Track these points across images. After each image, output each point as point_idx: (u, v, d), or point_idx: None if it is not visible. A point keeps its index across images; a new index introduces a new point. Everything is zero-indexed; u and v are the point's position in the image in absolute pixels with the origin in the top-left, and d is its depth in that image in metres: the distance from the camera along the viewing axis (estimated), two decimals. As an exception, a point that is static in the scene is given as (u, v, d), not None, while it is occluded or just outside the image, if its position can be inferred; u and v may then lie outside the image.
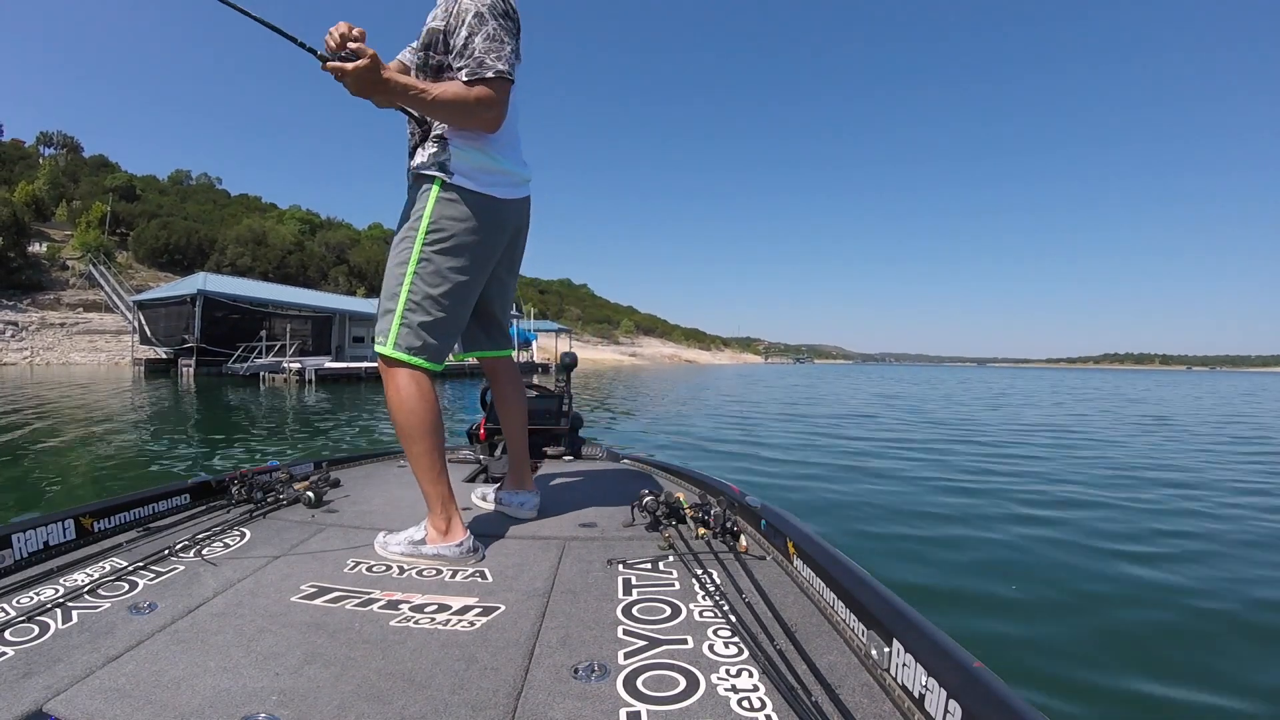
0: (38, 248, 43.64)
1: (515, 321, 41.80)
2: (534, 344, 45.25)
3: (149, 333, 31.17)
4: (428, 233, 1.66)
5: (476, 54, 1.56)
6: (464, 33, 1.58)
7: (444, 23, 1.62)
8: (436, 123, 1.68)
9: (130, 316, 34.83)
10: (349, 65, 1.43)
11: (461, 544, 1.67)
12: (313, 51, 1.45)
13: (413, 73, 1.73)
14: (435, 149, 1.66)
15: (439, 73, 1.64)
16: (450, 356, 1.83)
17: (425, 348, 1.68)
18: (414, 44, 1.79)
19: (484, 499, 2.17)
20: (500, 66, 1.56)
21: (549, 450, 3.08)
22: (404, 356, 1.66)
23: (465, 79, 1.57)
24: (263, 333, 28.42)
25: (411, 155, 1.75)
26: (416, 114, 1.68)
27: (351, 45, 1.44)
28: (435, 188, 1.66)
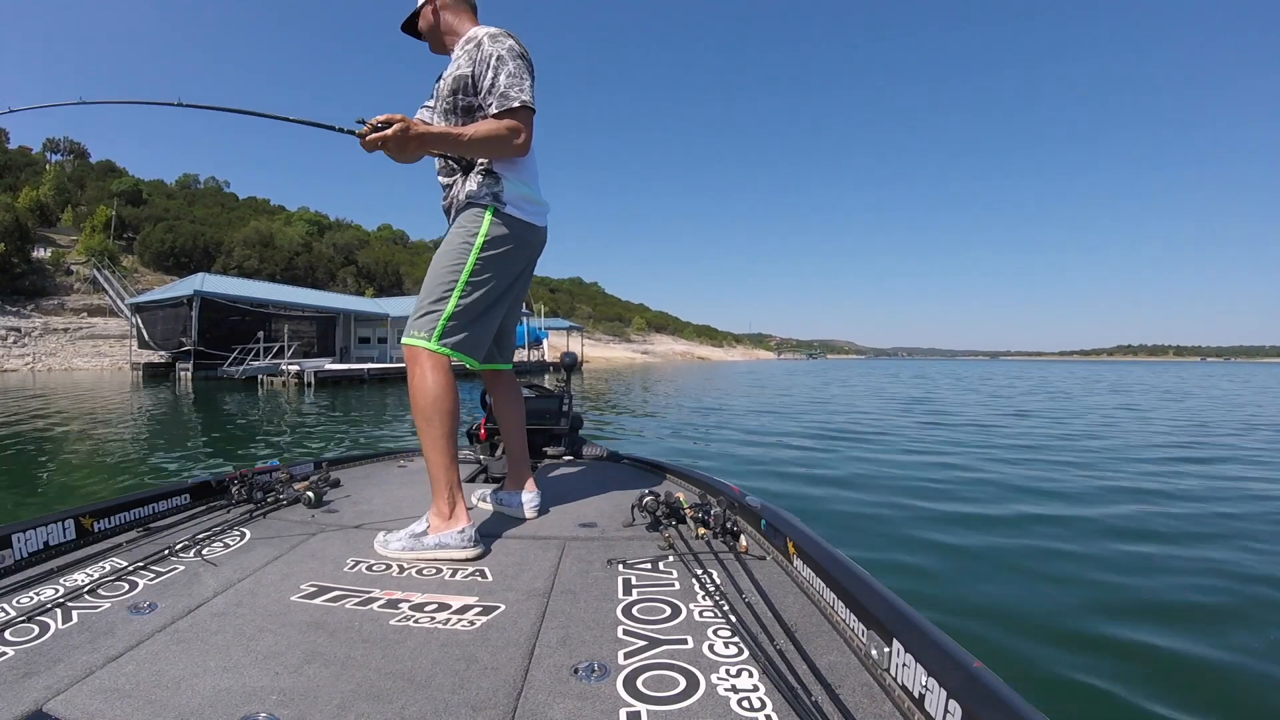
0: (42, 253, 43.51)
1: (525, 320, 41.63)
2: (545, 342, 44.50)
3: (147, 336, 30.45)
4: (482, 249, 1.83)
5: (501, 89, 1.77)
6: (489, 74, 1.80)
7: (470, 68, 1.82)
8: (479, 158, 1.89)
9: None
10: (387, 132, 1.62)
11: (464, 531, 1.73)
12: (351, 133, 1.67)
13: (436, 120, 1.95)
14: (488, 180, 1.85)
15: (470, 112, 1.85)
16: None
17: (464, 343, 1.84)
18: (428, 101, 2.04)
19: (484, 500, 2.19)
20: (524, 97, 1.77)
21: (549, 450, 3.07)
22: (447, 350, 1.80)
23: (495, 112, 1.77)
24: (260, 334, 27.57)
25: (449, 188, 1.97)
26: (454, 155, 1.89)
27: (379, 119, 1.64)
28: (489, 213, 1.84)
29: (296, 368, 22.94)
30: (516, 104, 1.76)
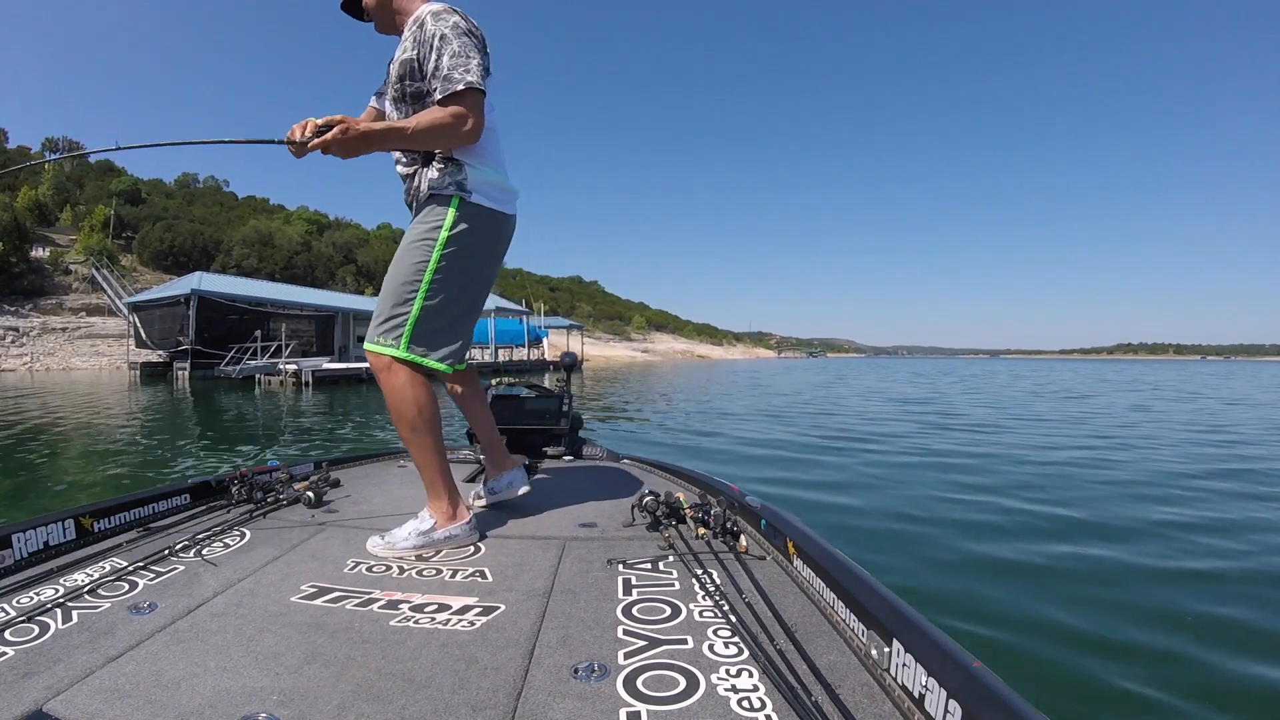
0: (41, 252, 43.41)
1: (525, 319, 41.57)
2: (545, 341, 44.42)
3: (144, 335, 30.29)
4: (445, 245, 1.73)
5: (445, 71, 1.64)
6: (433, 57, 1.67)
7: (415, 51, 1.71)
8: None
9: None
10: (327, 136, 1.55)
11: (470, 522, 1.81)
12: (290, 143, 1.60)
13: (388, 108, 1.86)
14: (450, 169, 1.75)
15: (418, 98, 1.75)
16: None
17: (436, 348, 1.77)
18: (379, 89, 1.95)
19: (479, 498, 2.17)
20: (469, 79, 1.64)
21: (549, 450, 3.06)
22: (417, 358, 1.73)
23: (439, 97, 1.65)
24: (257, 333, 27.38)
25: (409, 179, 1.84)
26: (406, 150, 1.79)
27: (319, 123, 1.58)
28: (454, 204, 1.74)
29: (294, 367, 22.76)
30: (461, 86, 1.62)
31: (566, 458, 3.04)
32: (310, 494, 2.14)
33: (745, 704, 0.99)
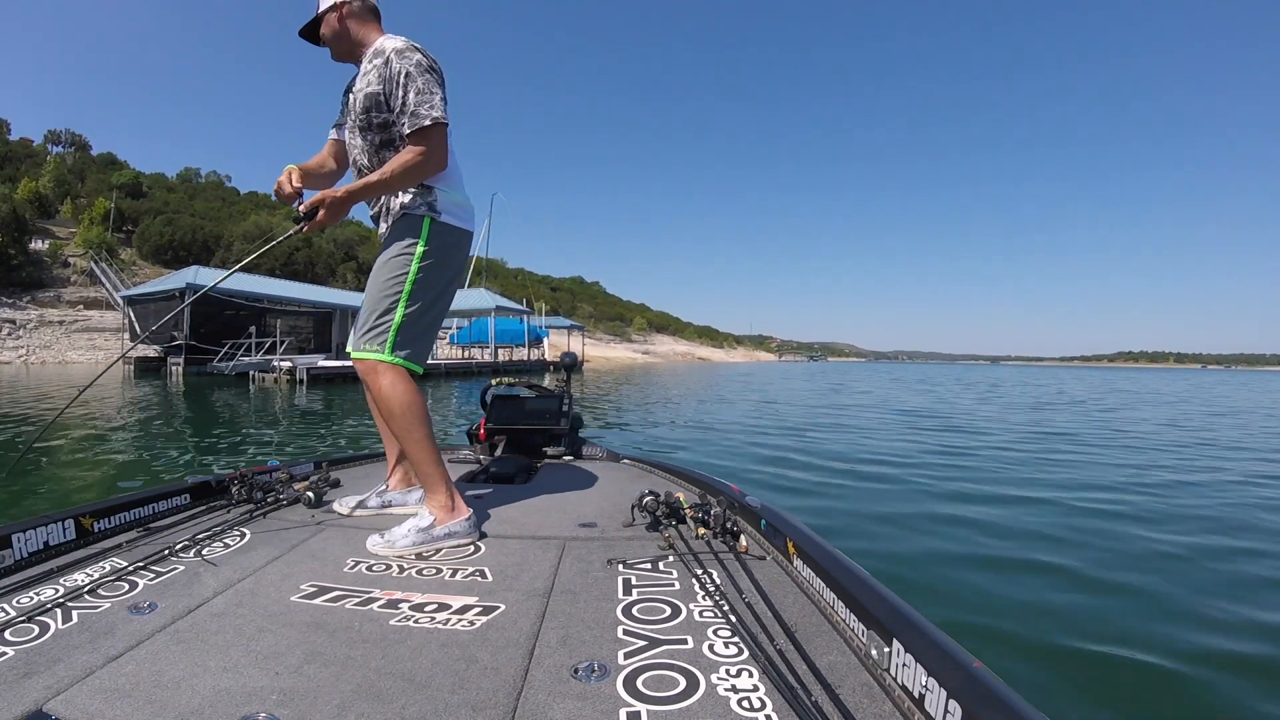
0: (40, 245, 43.27)
1: (526, 319, 41.46)
2: (545, 341, 44.32)
3: (139, 329, 29.94)
4: (422, 260, 1.88)
5: (412, 108, 1.79)
6: (399, 93, 1.81)
7: (381, 86, 1.84)
8: None
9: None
10: (320, 218, 1.78)
11: (469, 518, 1.83)
12: (296, 232, 1.86)
13: (350, 136, 1.99)
14: (422, 191, 1.90)
15: (384, 128, 1.89)
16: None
17: (414, 352, 1.91)
18: (336, 120, 2.11)
19: (364, 506, 2.12)
20: (435, 114, 1.80)
21: (549, 450, 3.06)
22: (400, 361, 1.87)
23: (407, 133, 1.81)
24: (252, 329, 26.94)
25: (374, 200, 1.97)
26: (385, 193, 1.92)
27: (304, 207, 1.79)
28: (427, 224, 1.89)
29: (288, 364, 22.39)
30: (428, 122, 1.78)
31: (566, 457, 3.04)
32: (310, 494, 2.15)
33: (745, 704, 0.99)
